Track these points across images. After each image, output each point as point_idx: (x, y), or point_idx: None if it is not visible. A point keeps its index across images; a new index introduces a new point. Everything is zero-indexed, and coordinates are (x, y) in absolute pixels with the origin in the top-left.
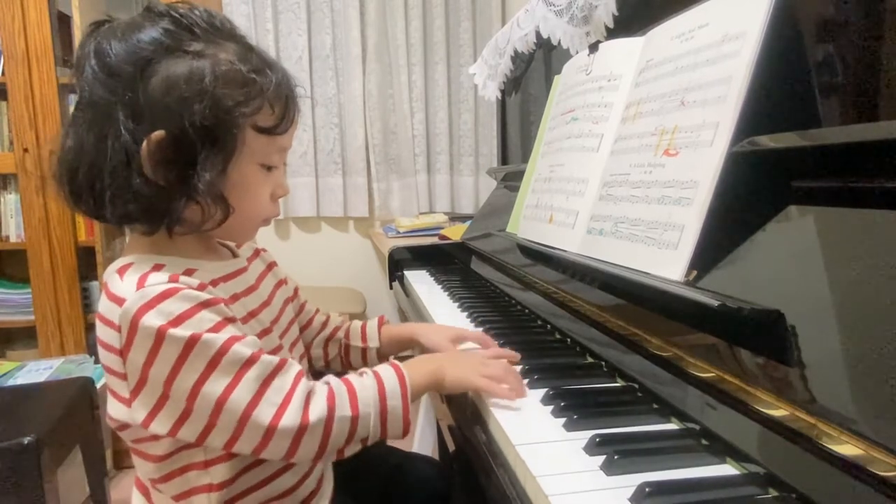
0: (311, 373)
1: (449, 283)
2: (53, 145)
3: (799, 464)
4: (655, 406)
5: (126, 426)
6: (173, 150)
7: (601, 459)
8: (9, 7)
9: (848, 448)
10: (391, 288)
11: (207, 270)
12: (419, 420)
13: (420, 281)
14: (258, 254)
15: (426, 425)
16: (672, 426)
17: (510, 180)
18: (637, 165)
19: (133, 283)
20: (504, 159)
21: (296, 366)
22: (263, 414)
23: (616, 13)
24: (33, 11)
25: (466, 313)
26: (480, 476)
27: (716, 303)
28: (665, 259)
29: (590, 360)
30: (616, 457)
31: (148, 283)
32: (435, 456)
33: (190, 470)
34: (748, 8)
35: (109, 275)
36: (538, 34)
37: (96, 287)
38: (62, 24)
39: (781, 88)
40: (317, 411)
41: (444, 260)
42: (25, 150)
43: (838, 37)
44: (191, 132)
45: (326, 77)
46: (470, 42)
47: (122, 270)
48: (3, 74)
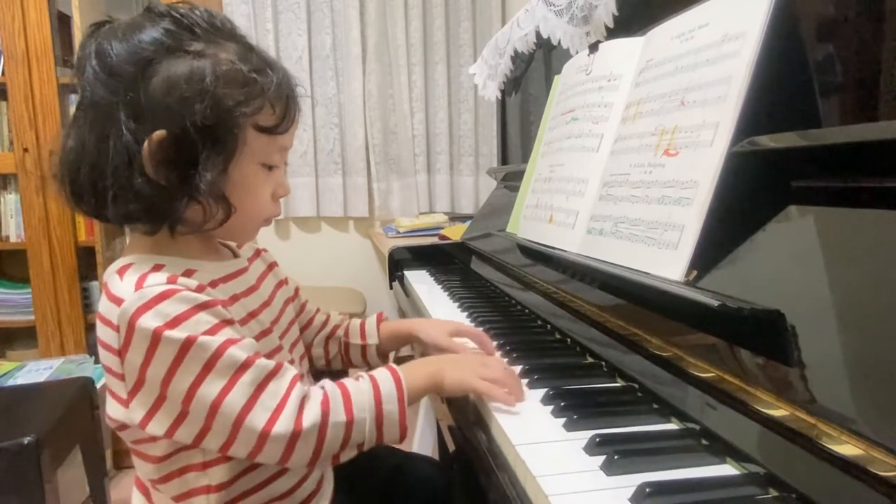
0: (313, 373)
1: (449, 283)
2: (54, 145)
3: (799, 464)
4: (655, 406)
5: (125, 426)
6: (174, 150)
7: (601, 459)
8: (9, 7)
9: (848, 448)
10: (391, 288)
11: (207, 271)
12: (419, 420)
13: (420, 281)
14: (259, 254)
15: (426, 425)
16: (672, 426)
17: (510, 180)
18: (637, 165)
19: (132, 284)
20: (504, 159)
21: (291, 370)
22: (257, 419)
23: (616, 13)
24: (33, 11)
25: (466, 313)
26: (480, 476)
27: (716, 303)
28: (665, 259)
29: (590, 360)
30: (616, 457)
31: (146, 284)
32: (435, 456)
33: (188, 471)
34: (748, 8)
35: (109, 275)
36: (538, 34)
37: (96, 287)
38: (62, 24)
39: (781, 88)
40: (311, 417)
41: (444, 260)
42: (25, 150)
43: (838, 37)
44: (192, 132)
45: (326, 77)
46: (470, 42)
47: (122, 271)
48: (3, 74)
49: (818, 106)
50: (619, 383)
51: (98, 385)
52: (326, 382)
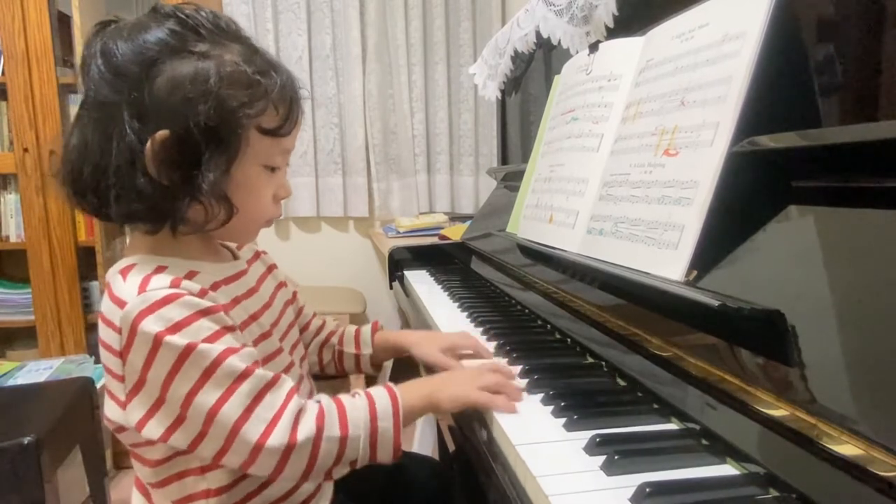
0: (312, 375)
1: (449, 283)
2: (56, 145)
3: (799, 464)
4: (655, 406)
5: (123, 429)
6: (177, 150)
7: (601, 459)
8: (9, 7)
9: (848, 448)
10: (391, 288)
11: (209, 273)
12: (419, 420)
13: (420, 281)
14: (258, 256)
15: (426, 425)
16: (672, 426)
17: (510, 180)
18: (637, 165)
19: (135, 286)
20: (504, 159)
21: (288, 382)
22: (252, 430)
23: (616, 13)
24: (33, 11)
25: (466, 313)
26: (480, 476)
27: (716, 303)
28: (665, 259)
29: (590, 360)
30: (616, 457)
31: (150, 288)
32: (435, 456)
33: (187, 476)
34: (748, 8)
35: (112, 275)
36: (538, 34)
37: (96, 287)
38: (62, 24)
39: (781, 88)
40: (305, 431)
41: (444, 260)
42: (25, 150)
43: (838, 37)
44: (195, 132)
45: (326, 77)
46: (470, 42)
47: (126, 271)
48: (3, 74)
49: (818, 106)
50: (620, 383)
51: (98, 385)
52: (323, 397)
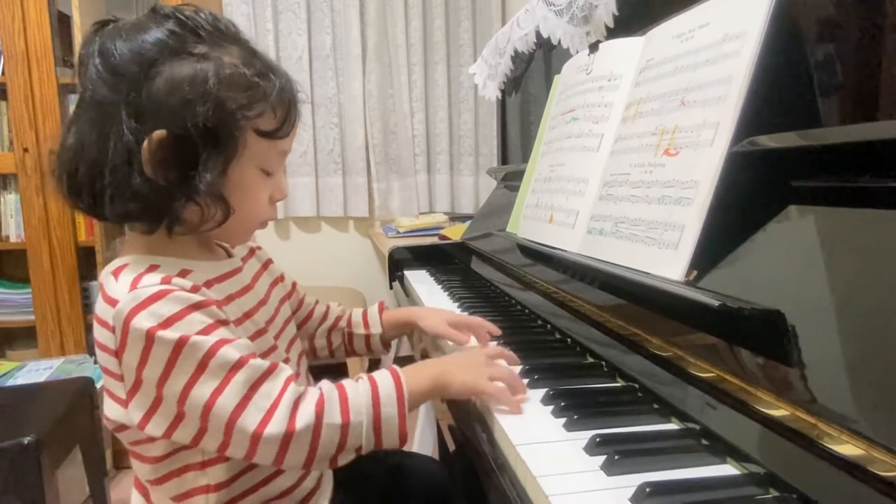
0: (312, 372)
1: (449, 283)
2: (55, 144)
3: (799, 464)
4: (656, 406)
5: (123, 427)
6: (174, 150)
7: (601, 459)
8: (9, 7)
9: (848, 448)
10: (391, 288)
11: (202, 271)
12: (419, 420)
13: (420, 281)
14: (253, 252)
15: (426, 425)
16: (672, 426)
17: (510, 180)
18: (637, 165)
19: (127, 285)
20: (504, 159)
21: (286, 370)
22: (249, 420)
23: (616, 13)
24: (33, 11)
25: (467, 313)
26: (480, 476)
27: (716, 303)
28: (665, 259)
29: (590, 360)
30: (616, 457)
31: (141, 285)
32: (435, 456)
33: (187, 471)
34: (748, 8)
35: (105, 276)
36: (538, 34)
37: (96, 287)
38: (62, 24)
39: (781, 88)
40: (304, 418)
41: (444, 260)
42: (25, 150)
43: (838, 37)
44: (193, 133)
45: (326, 77)
46: (470, 42)
47: (118, 271)
48: (3, 74)
49: (818, 106)
50: (620, 383)
51: (98, 385)
52: (324, 383)
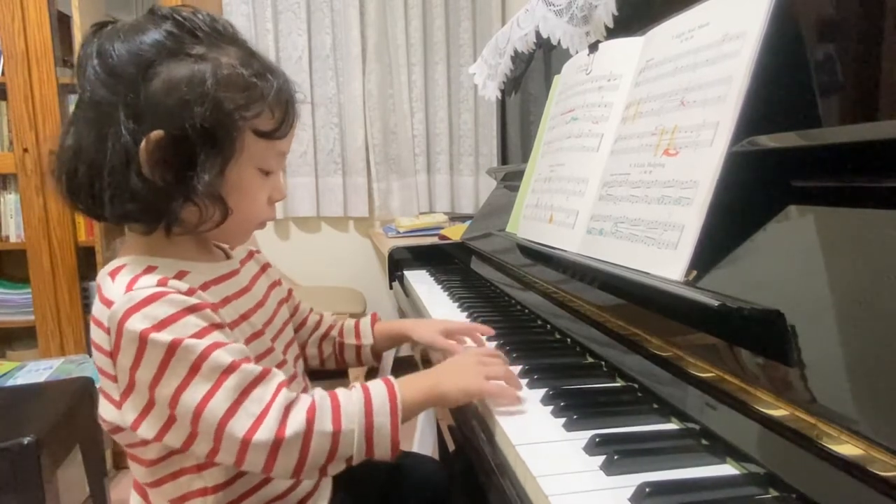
0: (307, 373)
1: (449, 283)
2: (54, 145)
3: (799, 464)
4: (655, 406)
5: (118, 429)
6: (172, 151)
7: (601, 459)
8: (9, 7)
9: (848, 448)
10: (391, 288)
11: (200, 272)
12: (419, 420)
13: (420, 281)
14: (252, 255)
15: (426, 425)
16: (672, 426)
17: (510, 180)
18: (637, 165)
19: (123, 286)
20: (504, 159)
21: (278, 376)
22: (238, 426)
23: (616, 13)
24: (33, 11)
25: (466, 313)
26: (480, 476)
27: (716, 303)
28: (665, 259)
29: (590, 360)
30: (616, 457)
31: (136, 287)
32: (435, 456)
33: (182, 475)
34: (748, 8)
35: (102, 277)
36: (538, 34)
37: (96, 287)
38: (62, 24)
39: (781, 88)
40: (294, 425)
41: (444, 260)
42: (25, 150)
43: (838, 37)
44: (191, 134)
45: (326, 77)
46: (470, 42)
47: (115, 272)
48: (3, 74)
49: (818, 106)
50: (619, 383)
51: (98, 385)
52: (317, 391)
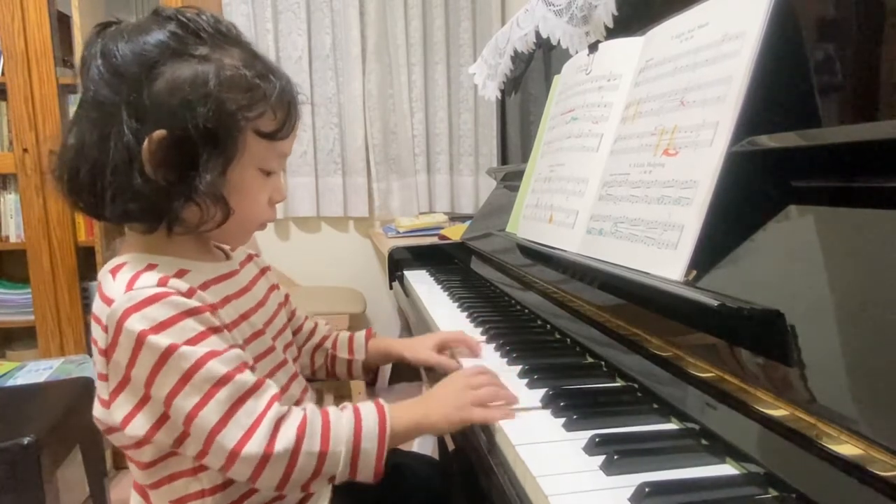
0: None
1: (449, 283)
2: (55, 145)
3: (799, 464)
4: (655, 406)
5: (113, 430)
6: (175, 151)
7: (601, 459)
8: (9, 7)
9: (848, 448)
10: (391, 288)
11: (200, 272)
12: None
13: (420, 281)
14: (251, 258)
15: None
16: (672, 426)
17: (510, 180)
18: (637, 165)
19: (123, 284)
20: (504, 159)
21: (271, 388)
22: (229, 437)
23: (616, 13)
24: (33, 11)
25: (466, 313)
26: (480, 476)
27: (716, 303)
28: (665, 259)
29: (590, 360)
30: (616, 457)
31: (137, 286)
32: (435, 456)
33: (179, 478)
34: (748, 8)
35: (103, 274)
36: (538, 34)
37: (96, 287)
38: (62, 24)
39: (781, 88)
40: (283, 441)
41: (444, 260)
42: (25, 150)
43: (838, 37)
44: (193, 134)
45: (326, 77)
46: (470, 42)
47: (116, 270)
48: (3, 74)
49: (818, 106)
50: (619, 383)
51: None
52: (309, 406)
